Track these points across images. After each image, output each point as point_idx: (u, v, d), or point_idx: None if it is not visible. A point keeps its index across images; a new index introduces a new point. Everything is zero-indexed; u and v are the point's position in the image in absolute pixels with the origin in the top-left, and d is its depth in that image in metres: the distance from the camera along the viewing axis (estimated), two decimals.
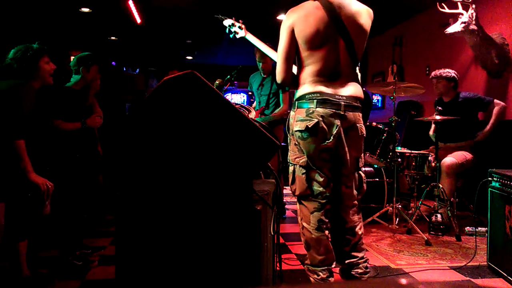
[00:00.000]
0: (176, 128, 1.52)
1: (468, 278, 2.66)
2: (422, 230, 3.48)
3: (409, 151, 3.96)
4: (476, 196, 2.79)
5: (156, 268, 1.51)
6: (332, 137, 2.15)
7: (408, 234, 3.64)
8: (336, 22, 2.17)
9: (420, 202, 3.84)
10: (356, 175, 2.31)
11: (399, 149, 3.97)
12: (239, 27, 2.75)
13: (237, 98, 11.64)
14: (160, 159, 1.52)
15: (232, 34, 2.76)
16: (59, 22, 6.54)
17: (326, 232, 2.23)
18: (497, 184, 2.67)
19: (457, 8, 4.06)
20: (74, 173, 2.91)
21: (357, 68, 2.31)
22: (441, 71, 4.14)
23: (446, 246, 3.34)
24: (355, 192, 2.30)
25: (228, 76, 3.06)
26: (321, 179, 2.18)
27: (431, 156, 3.77)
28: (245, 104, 11.24)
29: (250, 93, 11.73)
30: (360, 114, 2.28)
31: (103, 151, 3.26)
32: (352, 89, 2.23)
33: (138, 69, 9.96)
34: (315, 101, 2.15)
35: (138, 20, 6.16)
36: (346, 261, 2.29)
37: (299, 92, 2.24)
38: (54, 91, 2.91)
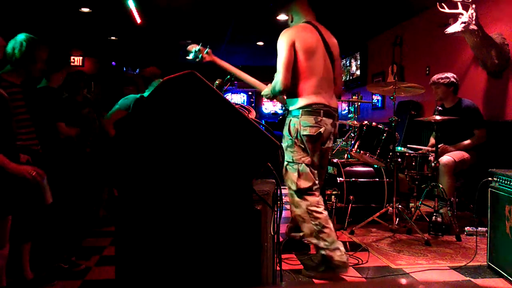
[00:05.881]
0: (176, 128, 1.52)
1: (468, 278, 2.66)
2: (422, 230, 3.47)
3: (410, 151, 3.95)
4: (476, 196, 2.79)
5: (156, 268, 1.52)
6: (329, 141, 2.70)
7: (408, 234, 3.64)
8: (324, 42, 2.67)
9: (420, 202, 3.84)
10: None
11: (399, 149, 3.96)
12: (206, 52, 2.85)
13: (237, 98, 11.63)
14: (160, 159, 1.52)
15: (199, 59, 2.85)
16: (60, 22, 6.54)
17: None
18: (497, 184, 2.67)
19: (457, 8, 4.05)
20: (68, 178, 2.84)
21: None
22: (439, 76, 4.04)
23: (446, 246, 3.34)
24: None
25: (228, 76, 3.05)
26: (315, 173, 2.67)
27: (431, 156, 3.77)
28: (245, 104, 11.24)
29: (250, 93, 11.74)
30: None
31: (104, 152, 3.24)
32: (335, 102, 2.74)
33: (138, 69, 9.96)
34: (322, 111, 2.57)
35: (138, 20, 6.16)
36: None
37: (304, 101, 2.58)
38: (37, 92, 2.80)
